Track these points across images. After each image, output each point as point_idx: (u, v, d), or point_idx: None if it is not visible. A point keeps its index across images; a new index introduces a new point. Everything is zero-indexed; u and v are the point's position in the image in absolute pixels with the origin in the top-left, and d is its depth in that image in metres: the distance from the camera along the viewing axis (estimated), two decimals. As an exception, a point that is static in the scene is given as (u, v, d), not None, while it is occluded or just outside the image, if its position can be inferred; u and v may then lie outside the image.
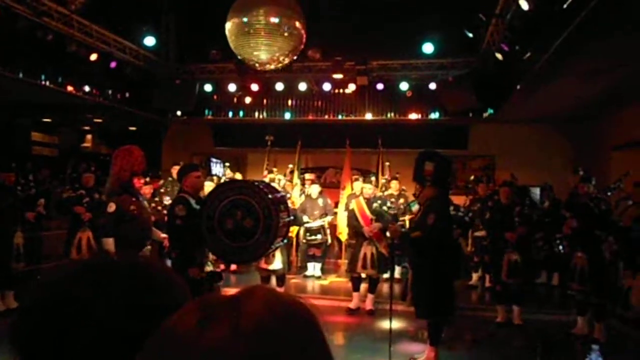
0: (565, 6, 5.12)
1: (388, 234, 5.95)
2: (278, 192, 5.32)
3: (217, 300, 0.60)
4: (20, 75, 7.91)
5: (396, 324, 6.10)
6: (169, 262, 4.58)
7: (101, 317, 0.68)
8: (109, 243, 4.33)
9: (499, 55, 7.83)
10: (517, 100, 8.70)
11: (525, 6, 6.05)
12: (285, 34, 7.38)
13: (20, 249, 6.52)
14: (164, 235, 4.99)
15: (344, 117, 11.33)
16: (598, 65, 6.63)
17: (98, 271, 0.74)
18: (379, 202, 7.02)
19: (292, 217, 5.42)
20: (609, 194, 6.62)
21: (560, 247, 7.07)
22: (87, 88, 9.46)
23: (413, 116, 11.01)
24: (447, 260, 4.78)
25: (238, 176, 10.27)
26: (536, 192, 10.37)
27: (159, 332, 0.58)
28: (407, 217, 7.38)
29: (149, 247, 4.87)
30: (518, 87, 7.86)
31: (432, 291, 4.67)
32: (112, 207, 4.39)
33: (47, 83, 8.52)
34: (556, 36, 5.61)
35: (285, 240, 6.07)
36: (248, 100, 11.47)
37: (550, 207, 8.28)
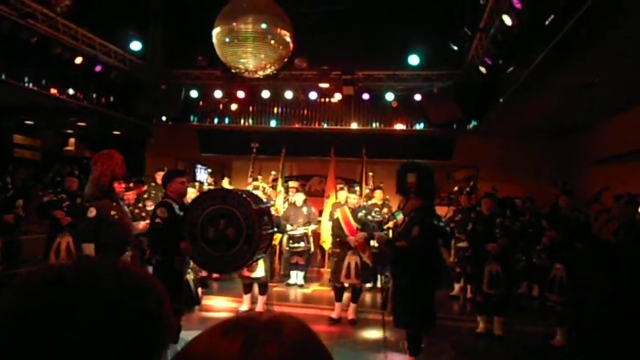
0: (547, 22, 5.23)
1: (373, 242, 5.96)
2: (263, 202, 5.32)
3: (254, 324, 0.61)
4: (3, 76, 7.80)
5: (377, 334, 6.11)
6: (150, 268, 4.54)
7: (82, 322, 0.68)
8: (89, 248, 4.29)
9: (482, 69, 7.95)
10: (501, 113, 8.82)
11: (508, 21, 6.16)
12: (273, 42, 7.41)
13: (-2, 253, 6.42)
14: (143, 224, 4.93)
15: (330, 126, 11.36)
16: (580, 80, 6.76)
17: (79, 276, 0.74)
18: (364, 211, 7.05)
19: (275, 229, 5.41)
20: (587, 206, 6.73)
21: (538, 258, 7.14)
22: (71, 91, 9.36)
23: (398, 126, 11.10)
24: (428, 272, 4.80)
25: (226, 182, 10.24)
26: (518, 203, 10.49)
27: (194, 355, 0.59)
28: (390, 224, 7.39)
29: (129, 252, 4.83)
30: (501, 100, 7.98)
31: (412, 302, 4.67)
32: (92, 212, 4.35)
33: (31, 85, 8.42)
34: (538, 51, 5.71)
35: (267, 252, 6.07)
36: (234, 107, 11.45)
37: (530, 218, 8.38)
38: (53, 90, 8.93)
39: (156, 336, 0.76)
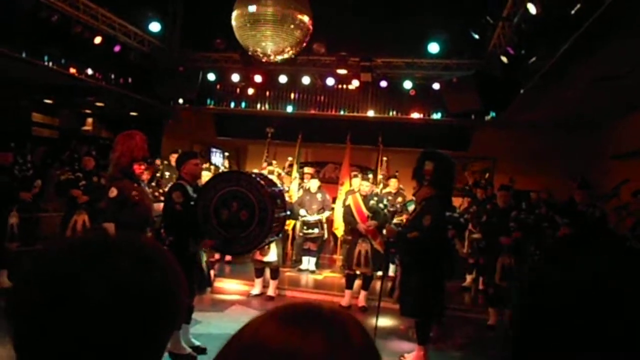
0: (573, 11, 5.10)
1: (385, 231, 5.94)
2: (276, 185, 5.32)
3: (304, 313, 0.61)
4: (23, 54, 7.86)
5: (388, 322, 6.12)
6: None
7: (90, 293, 0.68)
8: (110, 228, 4.30)
9: (504, 59, 7.81)
10: (521, 104, 8.67)
11: (533, 10, 6.02)
12: (292, 27, 7.34)
13: (15, 229, 6.52)
14: (162, 205, 4.94)
15: (346, 113, 11.29)
16: (604, 72, 6.60)
17: (90, 248, 0.74)
18: (376, 199, 7.02)
19: (288, 212, 5.41)
20: (605, 201, 6.61)
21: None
22: (89, 71, 9.40)
23: (415, 115, 10.98)
24: (437, 261, 4.76)
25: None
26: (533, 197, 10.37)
27: (244, 345, 0.58)
28: (403, 217, 7.38)
29: (149, 233, 4.86)
30: (522, 91, 7.84)
31: (419, 290, 4.65)
32: (113, 192, 4.36)
33: (50, 64, 8.46)
34: (563, 41, 5.58)
35: (280, 235, 6.08)
36: (251, 91, 11.44)
37: (548, 212, 8.27)
38: (72, 70, 8.97)
39: (168, 312, 0.75)
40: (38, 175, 7.24)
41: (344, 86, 11.05)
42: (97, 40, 8.80)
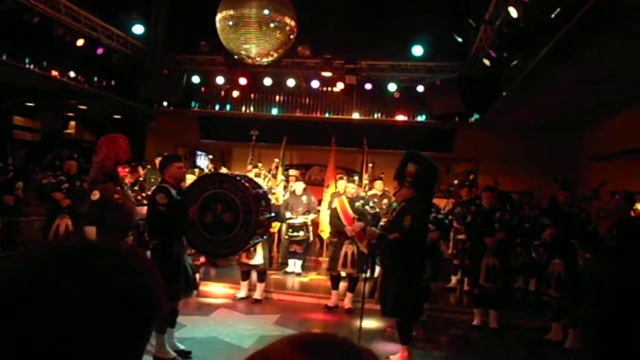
0: (553, 15, 5.18)
1: (366, 234, 5.97)
2: (260, 187, 5.31)
3: (321, 343, 0.62)
4: (4, 57, 7.75)
5: (373, 324, 6.14)
6: (148, 253, 4.54)
7: (68, 298, 0.68)
8: (91, 231, 4.27)
9: (486, 61, 7.89)
10: (503, 106, 8.78)
11: (514, 13, 6.10)
12: (276, 29, 7.35)
13: (-4, 233, 6.44)
14: (145, 208, 4.90)
15: (331, 116, 11.32)
16: (585, 76, 6.71)
17: (70, 252, 0.74)
18: (362, 201, 7.05)
19: (272, 214, 5.41)
20: (586, 202, 6.71)
21: (537, 253, 7.15)
22: (72, 74, 9.30)
23: (400, 117, 11.05)
24: (417, 261, 4.79)
25: (223, 170, 10.21)
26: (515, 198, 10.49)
27: None
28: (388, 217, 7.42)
29: (131, 236, 4.82)
30: (504, 93, 7.93)
31: (398, 290, 4.67)
32: (96, 194, 4.33)
33: (32, 67, 8.36)
34: (543, 45, 5.66)
35: (265, 237, 6.07)
36: (236, 94, 11.40)
37: (530, 213, 8.38)
38: (54, 72, 8.87)
39: (146, 317, 0.76)
40: (19, 179, 7.15)
41: (329, 89, 11.08)
42: (80, 42, 8.71)
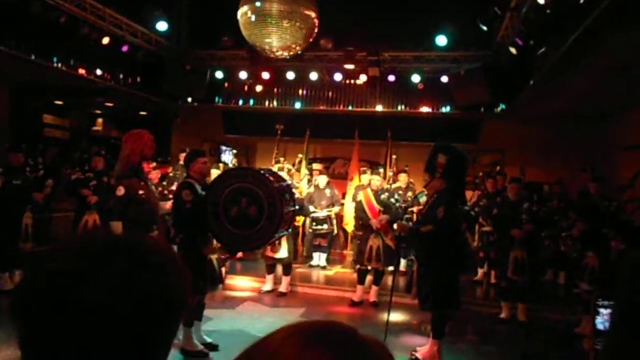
0: (581, 1, 5.03)
1: (396, 227, 5.94)
2: (284, 180, 5.32)
3: (330, 334, 0.62)
4: (33, 56, 7.92)
5: (399, 317, 6.12)
6: (174, 248, 4.60)
7: (93, 293, 0.68)
8: (117, 226, 4.34)
9: (512, 50, 7.73)
10: (530, 96, 8.58)
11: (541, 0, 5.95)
12: (298, 22, 7.33)
13: (28, 230, 6.60)
14: (170, 203, 4.96)
15: (354, 108, 11.25)
16: (615, 63, 6.51)
17: (95, 246, 0.75)
18: (387, 194, 7.01)
19: (297, 207, 5.41)
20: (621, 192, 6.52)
21: (565, 245, 6.99)
22: (98, 71, 9.45)
23: (424, 109, 10.91)
24: (454, 254, 4.75)
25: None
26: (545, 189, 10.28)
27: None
28: (414, 209, 7.37)
29: (156, 231, 4.89)
30: (531, 82, 7.75)
31: (438, 284, 4.65)
32: (121, 190, 4.40)
33: (59, 65, 8.52)
34: (572, 31, 5.50)
35: (290, 230, 6.08)
36: (259, 88, 11.43)
37: (558, 204, 8.20)
38: (81, 71, 9.02)
39: (171, 313, 0.76)
40: (49, 176, 7.31)
41: (352, 81, 11.00)
42: (105, 40, 8.85)
